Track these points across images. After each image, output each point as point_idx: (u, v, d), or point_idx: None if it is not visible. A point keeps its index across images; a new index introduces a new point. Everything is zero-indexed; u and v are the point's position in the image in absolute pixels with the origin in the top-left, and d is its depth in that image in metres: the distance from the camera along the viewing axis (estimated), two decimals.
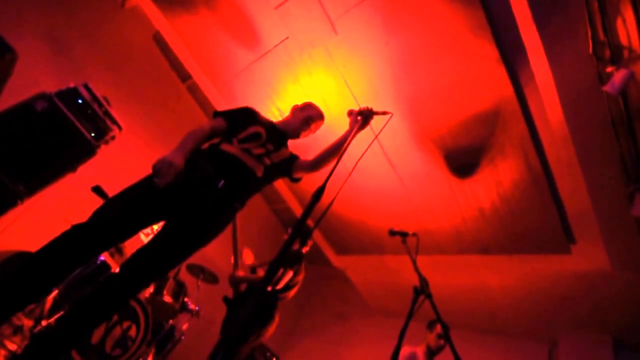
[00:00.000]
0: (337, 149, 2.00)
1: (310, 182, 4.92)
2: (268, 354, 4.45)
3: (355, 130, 1.77)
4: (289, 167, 2.18)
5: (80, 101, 3.29)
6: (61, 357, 1.55)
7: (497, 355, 4.31)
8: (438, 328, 3.03)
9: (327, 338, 5.93)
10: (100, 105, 3.46)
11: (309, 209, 1.24)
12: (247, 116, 2.13)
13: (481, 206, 3.54)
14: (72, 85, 3.37)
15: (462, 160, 3.30)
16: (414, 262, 2.15)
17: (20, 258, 3.82)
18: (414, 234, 2.30)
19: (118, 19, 5.05)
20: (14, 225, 3.37)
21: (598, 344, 3.74)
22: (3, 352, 2.27)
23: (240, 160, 1.87)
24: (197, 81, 4.87)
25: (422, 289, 2.03)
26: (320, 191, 1.30)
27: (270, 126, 2.14)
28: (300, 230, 1.22)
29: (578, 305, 3.70)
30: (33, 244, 3.90)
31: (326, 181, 1.36)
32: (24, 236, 3.79)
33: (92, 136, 3.30)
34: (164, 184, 1.58)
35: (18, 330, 2.46)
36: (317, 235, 5.35)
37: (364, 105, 1.84)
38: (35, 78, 4.07)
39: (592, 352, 3.72)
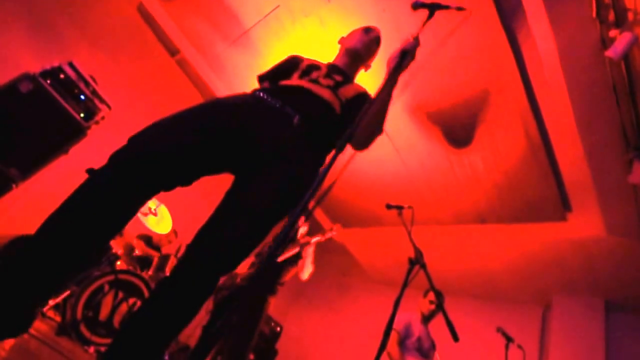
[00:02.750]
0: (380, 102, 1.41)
1: None
2: (272, 323, 4.59)
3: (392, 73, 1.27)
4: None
5: (64, 79, 3.20)
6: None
7: (492, 319, 4.42)
8: (431, 295, 3.11)
9: (328, 308, 6.11)
10: (87, 84, 3.36)
11: (315, 190, 0.95)
12: (296, 58, 1.72)
13: (479, 177, 3.53)
14: (56, 64, 3.26)
15: (460, 132, 3.26)
16: (409, 234, 2.18)
17: (21, 242, 3.85)
18: (410, 207, 2.32)
19: None
20: (11, 209, 3.36)
21: (590, 306, 3.88)
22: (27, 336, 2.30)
23: (311, 91, 1.42)
24: (185, 55, 4.71)
25: (417, 260, 2.06)
26: (324, 174, 1.01)
27: (327, 64, 1.71)
28: (304, 210, 0.98)
29: (572, 270, 3.79)
30: (32, 227, 3.92)
31: (331, 164, 1.05)
32: (22, 220, 3.80)
33: (82, 117, 3.23)
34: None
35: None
36: (316, 210, 5.40)
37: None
38: (16, 56, 3.93)
39: (584, 314, 3.86)
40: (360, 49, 1.71)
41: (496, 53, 2.72)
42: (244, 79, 4.27)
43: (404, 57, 1.26)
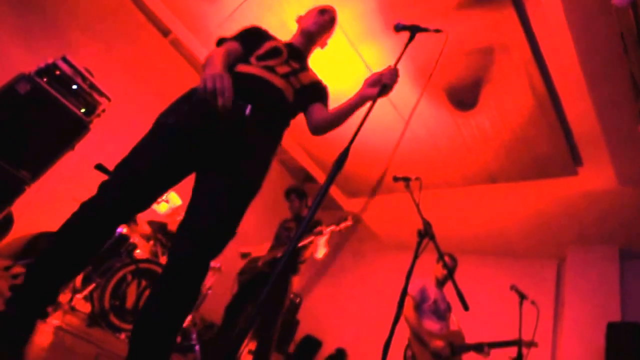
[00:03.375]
0: (347, 113, 1.64)
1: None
2: (292, 295, 4.75)
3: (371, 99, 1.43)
4: (320, 95, 1.78)
5: (60, 75, 3.17)
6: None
7: (508, 275, 4.51)
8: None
9: (345, 276, 6.27)
10: (84, 78, 3.33)
11: (332, 177, 1.09)
12: (260, 33, 1.74)
13: (486, 137, 3.47)
14: (50, 60, 3.22)
15: (465, 94, 3.17)
16: (417, 206, 2.18)
17: (42, 239, 3.98)
18: (417, 179, 2.30)
19: None
20: (27, 210, 3.44)
21: (605, 255, 3.89)
22: (47, 328, 2.42)
23: (265, 80, 1.49)
24: (177, 35, 4.59)
25: (426, 231, 2.08)
26: (343, 157, 1.12)
27: (287, 44, 1.75)
28: (323, 198, 1.07)
29: (585, 222, 3.78)
30: (50, 224, 4.04)
31: (348, 147, 1.16)
32: (40, 218, 3.91)
33: (83, 112, 3.23)
34: (229, 102, 1.19)
35: (58, 306, 2.61)
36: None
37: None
38: (6, 48, 3.88)
39: (599, 264, 3.89)
40: (315, 31, 1.81)
41: (498, 8, 2.59)
42: None
43: (383, 90, 1.47)
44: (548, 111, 2.99)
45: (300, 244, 2.88)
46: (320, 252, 2.83)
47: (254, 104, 1.31)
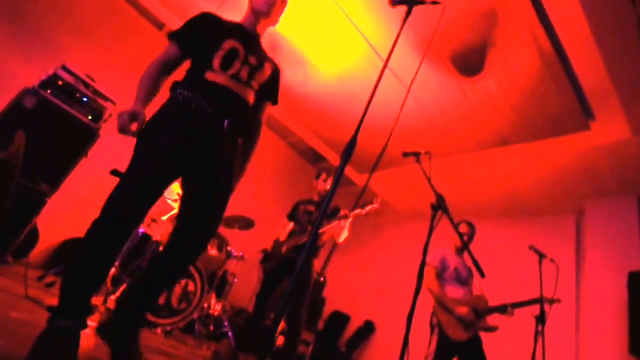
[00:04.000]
0: None
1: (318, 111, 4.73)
2: (316, 275, 4.87)
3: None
4: (275, 86, 1.95)
5: (64, 85, 3.19)
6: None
7: (527, 235, 4.54)
8: (462, 227, 3.19)
9: (365, 250, 6.36)
10: (87, 85, 3.34)
11: (343, 166, 1.21)
12: (213, 28, 1.73)
13: (495, 101, 3.41)
14: (50, 70, 3.22)
15: (470, 59, 3.09)
16: (429, 180, 2.18)
17: (69, 246, 4.12)
18: (427, 152, 2.29)
19: None
20: (52, 219, 3.54)
21: (623, 205, 3.86)
22: (88, 331, 2.55)
23: (234, 92, 1.64)
24: (172, 28, 4.52)
25: (439, 205, 2.09)
26: (351, 147, 1.26)
27: (239, 31, 1.78)
28: (338, 182, 1.19)
29: (602, 175, 3.73)
30: (75, 230, 4.16)
31: (356, 135, 1.30)
32: (65, 226, 4.04)
33: (90, 119, 3.26)
34: (130, 134, 1.47)
35: (94, 309, 2.72)
36: (338, 160, 5.44)
37: None
38: (4, 63, 3.89)
39: (617, 215, 3.86)
40: (266, 10, 1.82)
41: None
42: None
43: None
44: (556, 69, 2.91)
45: (325, 229, 2.86)
46: (343, 236, 2.85)
47: (230, 118, 1.60)
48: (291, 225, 3.22)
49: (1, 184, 0.72)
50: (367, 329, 5.29)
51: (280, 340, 4.48)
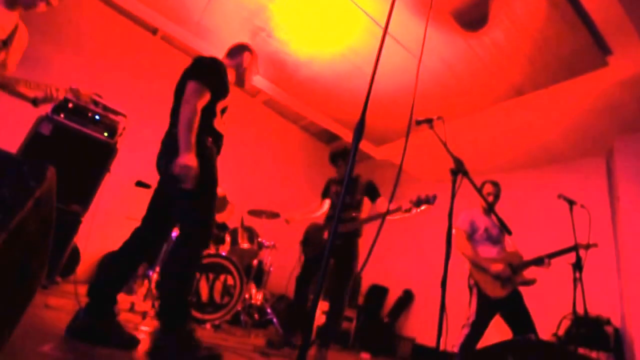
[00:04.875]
0: None
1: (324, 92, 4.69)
2: None
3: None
4: None
5: (74, 107, 3.26)
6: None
7: (556, 184, 4.43)
8: (487, 187, 3.15)
9: (391, 220, 6.33)
10: (96, 103, 3.38)
11: (355, 147, 1.30)
12: (225, 83, 2.03)
13: (503, 50, 3.27)
14: (61, 96, 3.29)
15: (473, 12, 2.96)
16: (445, 145, 2.14)
17: (108, 257, 4.31)
18: (439, 118, 2.24)
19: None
20: (91, 236, 3.67)
21: None
22: (142, 335, 2.70)
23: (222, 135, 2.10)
24: (165, 31, 4.52)
25: (458, 169, 2.07)
26: (360, 127, 1.33)
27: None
28: (354, 159, 1.31)
29: (627, 110, 3.57)
30: (112, 243, 4.32)
31: (363, 115, 1.33)
32: (104, 239, 4.21)
33: (106, 136, 3.33)
34: (193, 186, 1.75)
35: (145, 315, 2.87)
36: (352, 136, 5.41)
37: None
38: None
39: None
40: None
41: None
42: (230, 32, 4.09)
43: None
44: (563, 8, 2.75)
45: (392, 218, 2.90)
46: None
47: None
48: (326, 205, 3.23)
49: (44, 218, 0.77)
50: (406, 297, 5.38)
51: (322, 319, 4.63)
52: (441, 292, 1.83)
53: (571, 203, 2.98)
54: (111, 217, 4.21)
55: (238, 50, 2.29)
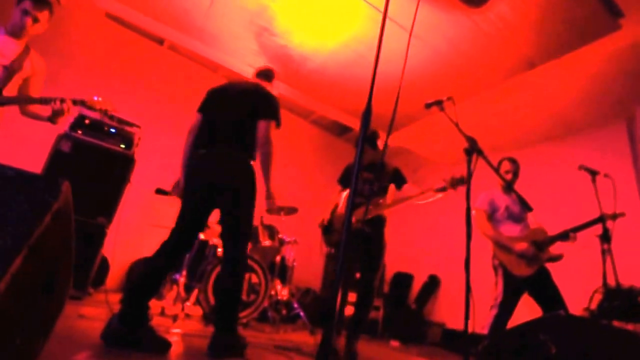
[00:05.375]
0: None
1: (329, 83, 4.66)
2: None
3: None
4: None
5: (90, 123, 3.35)
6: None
7: (577, 155, 4.28)
8: (505, 165, 3.08)
9: (410, 207, 6.27)
10: (111, 117, 3.48)
11: (363, 135, 1.32)
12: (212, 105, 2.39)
13: (510, 23, 3.16)
14: (67, 107, 3.39)
15: None
16: (457, 125, 2.11)
17: (137, 266, 4.44)
18: (449, 98, 2.20)
19: (61, 16, 4.71)
20: (118, 246, 3.78)
21: None
22: (175, 337, 2.78)
23: None
24: (171, 40, 4.59)
25: (472, 148, 2.03)
26: (368, 112, 1.36)
27: None
28: (363, 146, 1.31)
29: None
30: (141, 249, 4.44)
31: (369, 101, 1.38)
32: (131, 248, 4.35)
33: (123, 148, 3.42)
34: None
35: (175, 318, 2.96)
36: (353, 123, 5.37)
37: None
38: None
39: None
40: None
41: None
42: (234, 35, 4.12)
43: None
44: None
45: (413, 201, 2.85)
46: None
47: None
48: (346, 191, 3.08)
49: (64, 231, 0.81)
50: (432, 283, 5.35)
51: (350, 310, 4.65)
52: (465, 275, 1.81)
53: (593, 173, 2.90)
54: (135, 226, 4.35)
55: (273, 76, 2.59)
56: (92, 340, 1.73)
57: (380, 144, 3.09)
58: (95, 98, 2.48)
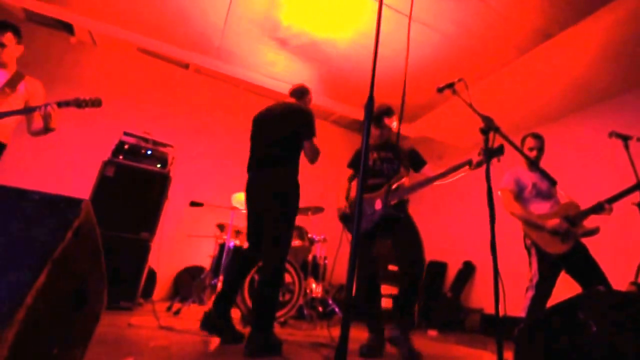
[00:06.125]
0: None
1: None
2: None
3: None
4: None
5: (129, 147, 3.64)
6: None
7: (606, 121, 4.02)
8: (529, 141, 2.99)
9: (436, 195, 6.16)
10: (146, 140, 3.78)
11: (368, 125, 1.35)
12: None
13: None
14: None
15: None
16: (471, 106, 2.09)
17: (182, 276, 4.72)
18: (460, 80, 2.19)
19: (88, 54, 5.15)
20: (163, 257, 4.04)
21: None
22: (212, 338, 2.94)
23: None
24: (195, 63, 4.86)
25: (489, 127, 2.00)
26: (370, 102, 1.40)
27: None
28: (368, 135, 1.32)
29: None
30: (184, 259, 4.71)
31: (371, 92, 1.42)
32: (175, 259, 4.66)
33: (159, 167, 3.68)
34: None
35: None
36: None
37: None
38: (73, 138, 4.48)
39: None
40: None
41: None
42: (250, 49, 4.30)
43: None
44: None
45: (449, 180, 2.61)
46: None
47: None
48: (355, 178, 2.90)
49: (91, 246, 0.94)
50: (467, 269, 5.23)
51: (388, 303, 4.67)
52: (492, 258, 1.80)
53: (625, 139, 2.75)
54: (175, 238, 4.64)
55: (305, 93, 2.80)
56: (138, 347, 1.88)
57: (388, 122, 2.80)
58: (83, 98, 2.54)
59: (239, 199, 3.70)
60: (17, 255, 0.68)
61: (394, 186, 2.59)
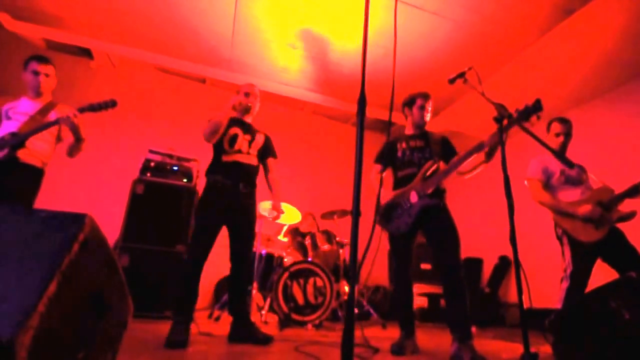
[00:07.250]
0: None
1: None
2: None
3: None
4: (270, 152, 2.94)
5: (156, 165, 3.82)
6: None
7: (636, 103, 3.82)
8: (554, 127, 2.86)
9: (464, 191, 5.98)
10: (171, 156, 3.95)
11: (361, 121, 1.39)
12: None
13: None
14: (143, 159, 3.88)
15: None
16: (483, 94, 2.05)
17: (221, 284, 4.85)
18: (470, 68, 2.16)
19: (107, 77, 5.45)
20: (216, 265, 4.19)
21: None
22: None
23: (242, 163, 2.70)
24: (210, 76, 5.04)
25: (502, 115, 1.95)
26: (362, 100, 1.44)
27: (236, 122, 2.84)
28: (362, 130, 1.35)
29: None
30: (220, 268, 4.89)
31: (363, 88, 1.46)
32: (213, 268, 4.80)
33: (185, 182, 3.84)
34: None
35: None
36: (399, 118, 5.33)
37: None
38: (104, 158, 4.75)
39: None
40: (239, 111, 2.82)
41: None
42: (260, 58, 4.42)
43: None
44: None
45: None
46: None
47: (243, 182, 2.59)
48: (388, 170, 2.74)
49: (104, 258, 1.02)
50: (503, 264, 5.07)
51: (423, 302, 4.60)
52: (513, 251, 1.78)
53: None
54: (213, 248, 4.80)
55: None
56: (179, 352, 1.99)
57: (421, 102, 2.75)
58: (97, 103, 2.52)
59: (265, 207, 3.80)
60: (27, 268, 0.76)
61: (428, 172, 2.44)
